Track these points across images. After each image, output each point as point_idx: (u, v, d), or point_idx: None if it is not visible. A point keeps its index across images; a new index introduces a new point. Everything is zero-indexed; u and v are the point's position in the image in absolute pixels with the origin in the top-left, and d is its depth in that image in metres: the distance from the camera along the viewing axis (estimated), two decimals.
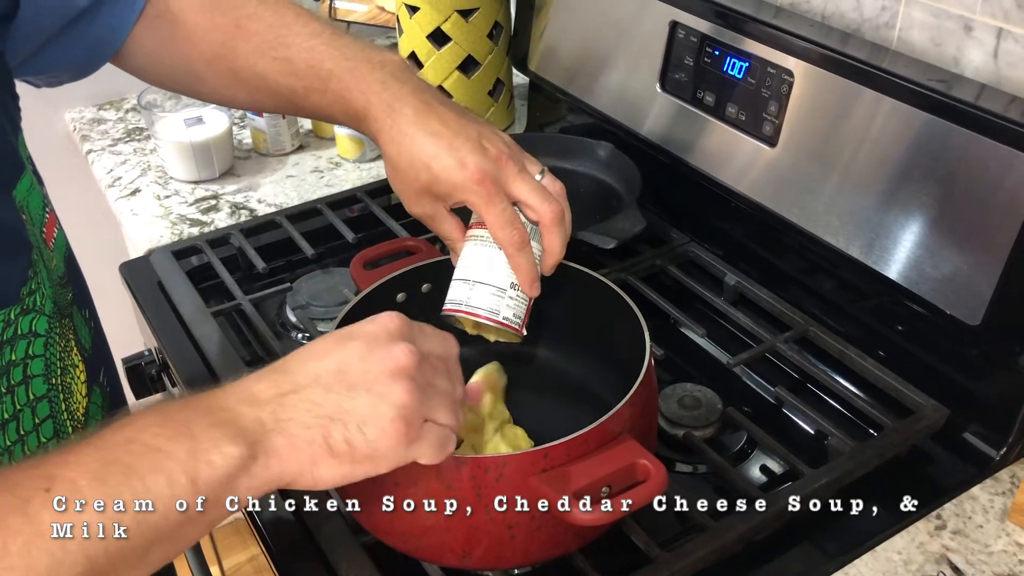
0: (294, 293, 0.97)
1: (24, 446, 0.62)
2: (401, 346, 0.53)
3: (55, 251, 0.67)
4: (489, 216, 0.65)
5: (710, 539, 0.67)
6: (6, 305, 0.60)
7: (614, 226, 0.94)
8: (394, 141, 0.66)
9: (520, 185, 0.66)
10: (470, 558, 0.63)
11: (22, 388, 0.62)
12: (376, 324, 0.55)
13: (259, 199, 1.19)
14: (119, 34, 0.71)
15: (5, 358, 0.60)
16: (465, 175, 0.64)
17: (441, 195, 0.67)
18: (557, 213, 0.67)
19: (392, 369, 0.52)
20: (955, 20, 0.83)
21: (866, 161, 0.82)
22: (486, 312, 0.67)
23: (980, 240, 0.74)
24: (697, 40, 0.96)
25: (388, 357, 0.52)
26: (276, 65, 0.70)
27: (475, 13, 1.20)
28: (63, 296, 0.67)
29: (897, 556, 0.70)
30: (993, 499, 0.74)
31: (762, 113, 0.90)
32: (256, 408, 0.50)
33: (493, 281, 0.67)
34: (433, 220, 0.69)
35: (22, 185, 0.62)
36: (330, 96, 0.69)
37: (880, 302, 0.85)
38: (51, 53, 0.69)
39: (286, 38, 0.70)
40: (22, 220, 0.61)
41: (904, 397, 0.80)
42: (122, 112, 1.43)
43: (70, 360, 0.67)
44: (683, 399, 0.82)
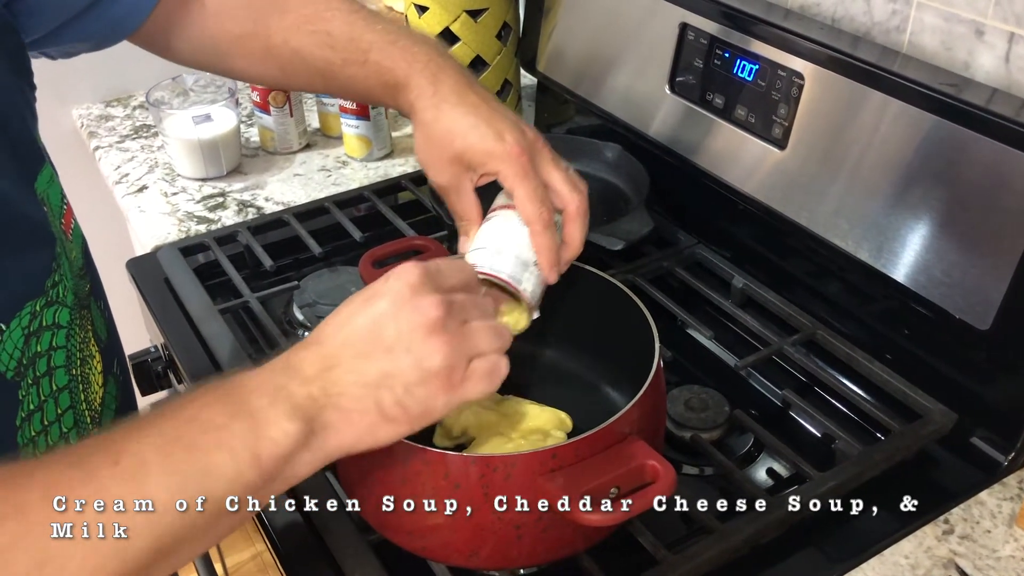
0: (301, 291, 0.97)
1: (47, 436, 0.63)
2: (428, 299, 0.53)
3: (74, 242, 0.68)
4: (522, 190, 0.65)
5: (717, 541, 0.67)
6: (32, 298, 0.60)
7: (622, 227, 0.94)
8: (436, 107, 0.67)
9: (552, 170, 0.67)
10: (477, 557, 0.63)
11: (46, 379, 0.63)
12: (397, 279, 0.54)
13: (266, 197, 1.19)
14: (143, 9, 0.71)
15: (31, 350, 0.61)
16: (504, 147, 0.65)
17: (474, 164, 0.67)
18: (584, 204, 0.67)
19: (425, 324, 0.52)
20: (966, 24, 0.83)
21: (876, 164, 0.82)
22: (508, 276, 0.65)
23: (990, 244, 0.74)
24: (707, 42, 0.96)
25: (417, 313, 0.52)
26: (314, 38, 0.71)
27: (484, 13, 1.20)
28: (82, 287, 0.68)
29: (904, 560, 0.70)
30: (1001, 504, 0.74)
31: (771, 115, 0.90)
32: (306, 385, 0.50)
33: (517, 252, 0.66)
34: (456, 192, 0.69)
35: (43, 177, 0.63)
36: (370, 67, 0.69)
37: (888, 305, 0.85)
38: (73, 27, 0.69)
39: (325, 13, 0.71)
40: (44, 212, 0.61)
41: (912, 401, 0.79)
42: (130, 109, 1.43)
43: (88, 351, 0.68)
44: (690, 401, 0.81)
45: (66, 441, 0.65)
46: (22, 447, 0.61)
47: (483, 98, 0.67)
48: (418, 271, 0.55)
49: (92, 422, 0.69)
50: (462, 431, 0.70)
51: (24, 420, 0.61)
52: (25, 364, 0.60)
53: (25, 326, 0.60)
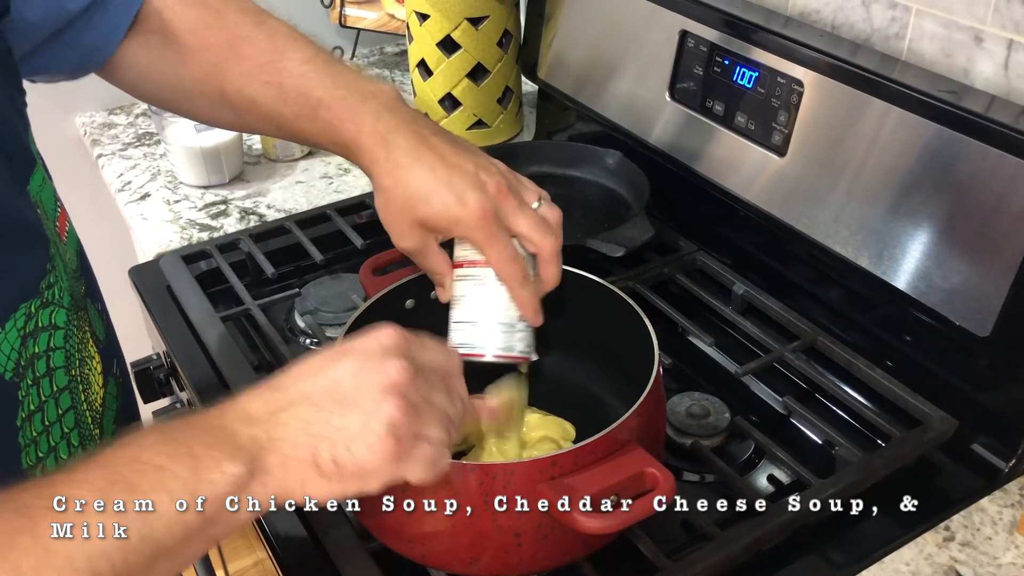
0: (303, 298, 0.97)
1: (48, 436, 0.63)
2: (394, 362, 0.52)
3: (68, 244, 0.68)
4: (492, 254, 0.64)
5: (717, 548, 0.67)
6: (27, 299, 0.60)
7: (622, 234, 0.94)
8: (390, 173, 0.65)
9: (520, 220, 0.65)
10: (477, 565, 0.63)
11: (46, 380, 0.63)
12: (372, 339, 0.54)
13: (268, 204, 1.19)
14: (111, 41, 0.71)
15: (29, 351, 0.61)
16: (466, 212, 0.63)
17: (438, 229, 0.66)
18: (556, 247, 0.66)
19: (384, 385, 0.51)
20: (965, 31, 0.83)
21: (875, 171, 0.82)
22: (498, 350, 0.66)
23: (990, 251, 0.74)
24: (707, 49, 0.96)
25: (380, 373, 0.51)
26: (266, 90, 0.69)
27: (485, 21, 1.20)
28: (77, 289, 0.68)
29: (905, 567, 0.70)
30: (1002, 511, 0.74)
31: (771, 123, 0.90)
32: (251, 426, 0.50)
33: (499, 319, 0.67)
34: (423, 255, 0.68)
35: (35, 179, 0.63)
36: (319, 124, 0.68)
37: (889, 312, 0.85)
38: (44, 55, 0.69)
39: (278, 64, 0.69)
40: (38, 215, 0.62)
41: (912, 408, 0.79)
42: (132, 117, 1.44)
43: (87, 352, 0.68)
44: (691, 408, 0.82)
45: (68, 442, 0.65)
46: (24, 448, 0.61)
47: (439, 153, 0.65)
48: (396, 334, 0.54)
49: (93, 423, 0.69)
50: (463, 438, 0.70)
51: (25, 420, 0.61)
52: (23, 365, 0.60)
53: (21, 327, 0.60)
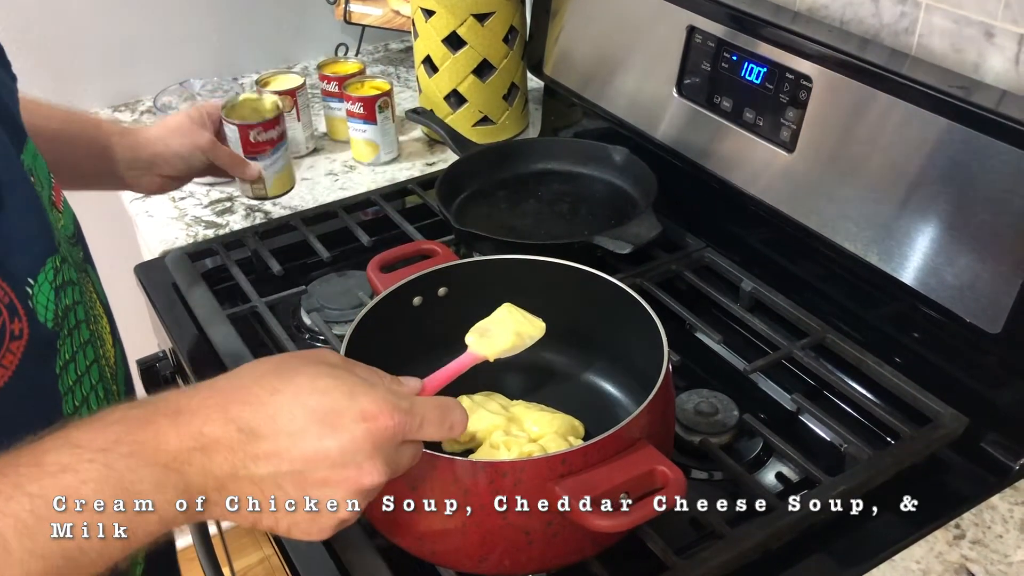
0: (309, 296, 0.97)
1: (80, 387, 0.64)
2: (374, 469, 0.51)
3: (64, 213, 0.69)
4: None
5: (727, 547, 0.66)
6: (51, 254, 0.61)
7: (629, 231, 0.94)
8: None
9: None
10: (486, 563, 0.62)
11: (76, 332, 0.64)
12: (371, 424, 0.51)
13: (274, 201, 1.19)
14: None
15: (63, 302, 0.62)
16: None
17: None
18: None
19: (353, 491, 0.51)
20: (976, 26, 0.82)
21: (884, 167, 0.81)
22: None
23: (1000, 247, 0.74)
24: (714, 45, 0.96)
25: (354, 479, 0.50)
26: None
27: (491, 17, 1.20)
28: (75, 254, 0.69)
29: (916, 565, 0.69)
30: (1013, 509, 0.74)
31: (779, 118, 0.90)
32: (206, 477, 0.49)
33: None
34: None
35: (28, 151, 0.64)
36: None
37: (898, 309, 0.85)
38: None
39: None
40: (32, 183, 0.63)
41: (922, 405, 0.79)
42: (137, 114, 1.44)
43: (96, 311, 0.69)
44: (699, 405, 0.81)
45: (96, 393, 0.66)
46: (63, 395, 0.62)
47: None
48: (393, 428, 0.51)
49: (112, 378, 0.70)
50: (471, 436, 0.70)
51: (62, 369, 0.62)
52: (60, 316, 0.61)
53: (52, 280, 0.61)
